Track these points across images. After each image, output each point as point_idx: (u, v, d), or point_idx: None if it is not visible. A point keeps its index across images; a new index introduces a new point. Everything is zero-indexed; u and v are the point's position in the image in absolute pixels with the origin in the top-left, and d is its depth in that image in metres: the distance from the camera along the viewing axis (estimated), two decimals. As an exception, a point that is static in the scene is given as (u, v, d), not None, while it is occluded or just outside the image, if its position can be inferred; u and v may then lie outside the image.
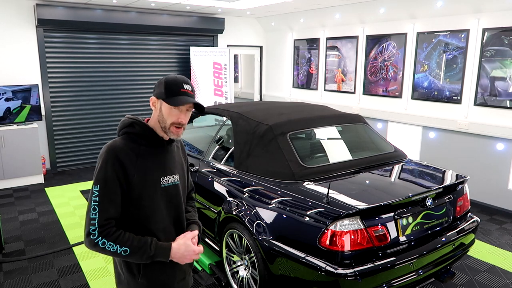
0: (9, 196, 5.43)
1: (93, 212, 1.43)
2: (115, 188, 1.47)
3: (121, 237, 1.45)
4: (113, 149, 1.49)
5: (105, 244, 1.42)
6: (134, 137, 1.56)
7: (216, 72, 7.50)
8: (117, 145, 1.51)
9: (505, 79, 4.67)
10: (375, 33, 6.20)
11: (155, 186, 1.56)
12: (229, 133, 3.71)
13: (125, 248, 1.44)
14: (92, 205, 1.44)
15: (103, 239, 1.42)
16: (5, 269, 3.55)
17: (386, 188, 2.87)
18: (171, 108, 1.54)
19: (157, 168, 1.58)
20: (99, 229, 1.42)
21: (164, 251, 1.51)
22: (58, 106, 6.44)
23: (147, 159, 1.55)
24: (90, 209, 1.44)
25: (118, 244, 1.43)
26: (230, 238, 3.09)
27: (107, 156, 1.48)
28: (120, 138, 1.57)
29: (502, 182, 4.85)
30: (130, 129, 1.56)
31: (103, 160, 1.48)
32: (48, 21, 5.92)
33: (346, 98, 6.83)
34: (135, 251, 1.45)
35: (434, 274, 2.78)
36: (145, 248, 1.47)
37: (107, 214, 1.44)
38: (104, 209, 1.44)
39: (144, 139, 1.57)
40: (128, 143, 1.54)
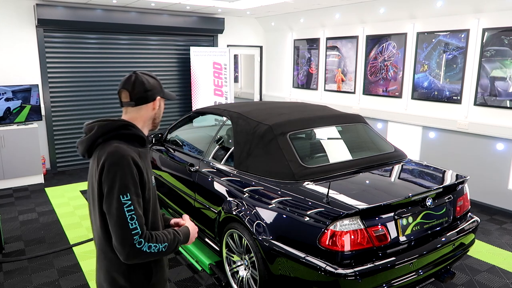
0: (9, 196, 5.43)
1: (131, 222, 1.38)
2: (139, 192, 1.45)
3: (158, 236, 1.46)
4: (126, 154, 1.44)
5: (151, 248, 1.42)
6: (129, 140, 1.53)
7: (216, 72, 7.50)
8: (126, 149, 1.46)
9: (505, 79, 4.67)
10: (375, 33, 6.20)
11: (152, 187, 1.58)
12: (229, 133, 3.71)
13: (165, 244, 1.47)
14: (129, 215, 1.38)
15: (148, 243, 1.41)
16: (5, 269, 3.55)
17: (386, 188, 2.87)
18: (163, 102, 1.68)
19: (149, 169, 1.61)
20: (142, 235, 1.40)
21: (187, 234, 1.61)
22: (58, 106, 6.44)
23: (144, 160, 1.56)
24: (127, 221, 1.38)
25: (159, 242, 1.45)
26: (230, 238, 3.09)
27: (124, 162, 1.42)
28: (117, 141, 1.49)
29: (502, 182, 4.85)
30: (126, 131, 1.53)
31: (121, 167, 1.41)
32: (48, 21, 5.92)
33: (346, 98, 6.83)
34: (171, 244, 1.50)
35: (434, 274, 2.78)
36: (177, 238, 1.53)
37: (142, 220, 1.43)
38: (140, 215, 1.42)
39: (138, 141, 1.56)
40: (129, 146, 1.51)
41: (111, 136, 1.50)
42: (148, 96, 1.58)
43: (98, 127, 1.51)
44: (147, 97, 1.58)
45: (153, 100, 1.60)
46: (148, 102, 1.59)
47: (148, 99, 1.58)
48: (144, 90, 1.57)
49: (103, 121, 1.53)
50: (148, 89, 1.58)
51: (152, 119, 1.62)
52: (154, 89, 1.59)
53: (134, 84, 1.56)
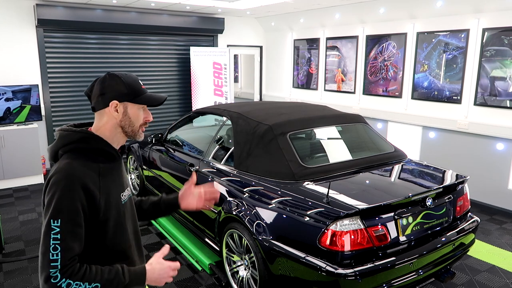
0: (9, 196, 5.43)
1: (54, 253, 1.19)
2: (80, 220, 1.25)
3: (87, 273, 1.23)
4: (73, 174, 1.26)
5: (71, 285, 1.19)
6: (89, 154, 1.34)
7: (216, 72, 7.50)
8: (75, 168, 1.27)
9: (505, 79, 4.67)
10: (375, 33, 6.20)
11: (117, 205, 1.39)
12: (229, 133, 3.71)
13: (95, 284, 1.23)
14: (52, 244, 1.19)
15: (67, 280, 1.19)
16: (5, 269, 3.55)
17: (386, 188, 2.88)
18: (139, 109, 1.41)
19: (117, 185, 1.42)
20: (62, 270, 1.19)
21: (139, 276, 1.35)
22: (58, 106, 6.44)
23: (108, 177, 1.37)
24: (49, 249, 1.19)
25: (87, 281, 1.22)
26: (230, 238, 3.09)
27: (68, 184, 1.24)
28: (70, 158, 1.31)
29: (502, 182, 4.85)
30: (83, 144, 1.34)
31: (63, 189, 1.23)
32: (48, 21, 5.92)
33: (346, 98, 6.83)
34: (107, 285, 1.26)
35: (434, 274, 2.78)
36: (118, 279, 1.28)
37: (71, 253, 1.21)
38: (68, 247, 1.21)
39: (102, 155, 1.37)
40: (86, 163, 1.31)
41: (70, 149, 1.33)
42: (104, 99, 1.36)
43: (59, 137, 1.35)
44: (101, 101, 1.36)
45: (108, 105, 1.36)
46: (104, 107, 1.37)
47: (104, 104, 1.37)
48: (99, 94, 1.37)
49: (64, 130, 1.36)
50: (103, 92, 1.36)
51: (119, 127, 1.40)
52: (110, 92, 1.36)
53: (92, 86, 1.39)
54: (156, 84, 7.32)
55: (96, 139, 1.36)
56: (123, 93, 1.37)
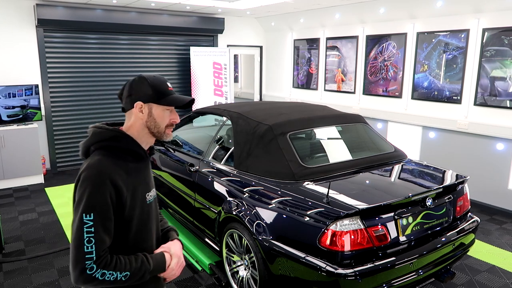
0: (9, 196, 5.43)
1: (88, 245, 1.26)
2: (110, 214, 1.32)
3: (118, 263, 1.32)
4: (103, 170, 1.32)
5: (105, 275, 1.28)
6: (118, 153, 1.39)
7: (216, 72, 7.50)
8: (105, 165, 1.34)
9: (505, 79, 4.67)
10: (375, 33, 6.20)
11: (142, 204, 1.44)
12: (229, 133, 3.71)
13: (126, 272, 1.32)
14: (86, 237, 1.26)
15: (102, 270, 1.28)
16: (5, 269, 3.55)
17: (386, 188, 2.87)
18: (164, 110, 1.44)
19: (143, 185, 1.46)
20: (97, 262, 1.27)
21: (160, 263, 1.43)
22: (58, 106, 6.44)
23: (135, 176, 1.42)
24: (84, 242, 1.26)
25: (118, 270, 1.31)
26: (230, 238, 3.09)
27: (99, 179, 1.30)
28: (101, 154, 1.37)
29: (502, 182, 4.85)
30: (114, 143, 1.39)
31: (94, 184, 1.29)
32: (48, 21, 5.92)
33: (346, 98, 6.83)
34: (135, 273, 1.34)
35: (434, 274, 2.78)
36: (144, 266, 1.37)
37: (104, 245, 1.29)
38: (101, 240, 1.28)
39: (131, 155, 1.42)
40: (115, 161, 1.37)
41: (101, 146, 1.39)
42: (131, 101, 1.42)
43: (92, 134, 1.41)
44: (129, 102, 1.42)
45: (133, 106, 1.41)
46: (131, 107, 1.42)
47: (131, 105, 1.42)
48: (128, 95, 1.42)
49: (97, 128, 1.42)
50: (130, 94, 1.42)
51: (146, 127, 1.44)
52: (137, 94, 1.40)
53: (123, 88, 1.45)
54: (156, 84, 7.31)
55: (127, 138, 1.41)
56: (148, 94, 1.40)
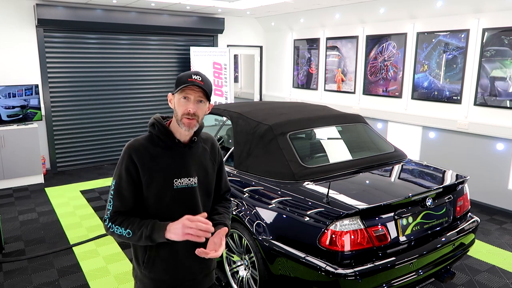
0: (9, 196, 5.42)
1: (109, 204, 1.57)
2: (127, 185, 1.55)
3: (126, 221, 1.54)
4: (129, 148, 1.57)
5: (113, 228, 1.54)
6: (153, 138, 1.61)
7: (216, 72, 7.50)
8: (134, 144, 1.58)
9: (505, 79, 4.67)
10: (375, 33, 6.20)
11: (165, 188, 1.58)
12: (229, 133, 3.71)
13: (128, 230, 1.52)
14: (110, 197, 1.57)
15: (114, 224, 1.54)
16: (5, 269, 3.55)
17: (386, 188, 2.87)
18: (180, 99, 1.54)
19: (171, 170, 1.59)
20: (110, 217, 1.56)
21: (159, 229, 1.49)
22: (58, 106, 6.44)
23: (161, 160, 1.58)
24: (108, 199, 1.58)
25: (123, 227, 1.53)
26: (230, 238, 3.09)
27: (124, 154, 1.57)
28: (143, 136, 1.63)
29: (502, 182, 4.85)
30: (152, 129, 1.62)
31: (121, 157, 1.57)
32: (48, 21, 5.92)
33: (346, 98, 6.83)
34: (135, 232, 1.52)
35: (434, 274, 2.78)
36: (142, 230, 1.51)
37: (116, 208, 1.56)
38: (116, 203, 1.56)
39: (161, 141, 1.60)
40: (146, 143, 1.59)
41: (148, 131, 1.64)
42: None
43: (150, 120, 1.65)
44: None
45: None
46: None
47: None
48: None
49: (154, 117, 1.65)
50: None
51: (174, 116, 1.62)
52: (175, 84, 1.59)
53: None
54: (156, 84, 7.31)
55: (159, 127, 1.60)
56: (175, 86, 1.57)
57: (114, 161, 7.09)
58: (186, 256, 1.63)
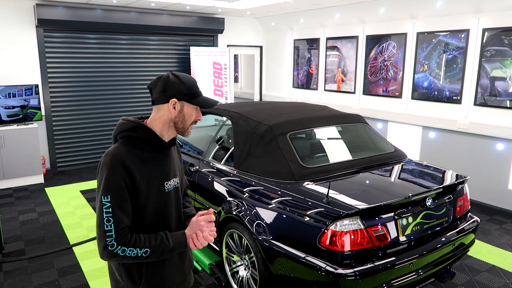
0: (9, 196, 5.43)
1: (107, 224, 1.39)
2: (125, 196, 1.43)
3: (138, 240, 1.43)
4: (118, 156, 1.44)
5: (125, 252, 1.40)
6: (137, 142, 1.50)
7: (216, 72, 7.50)
8: (120, 152, 1.45)
9: (505, 79, 4.67)
10: (375, 33, 6.20)
11: (159, 192, 1.53)
12: (229, 133, 3.71)
13: (145, 249, 1.43)
14: (105, 217, 1.39)
15: (122, 247, 1.40)
16: (5, 269, 3.55)
17: (386, 188, 2.87)
18: (193, 109, 1.55)
19: (161, 173, 1.54)
20: (116, 239, 1.40)
21: (180, 238, 1.51)
22: (58, 106, 6.44)
23: (151, 164, 1.51)
24: (103, 221, 1.39)
25: (138, 247, 1.42)
26: (230, 238, 3.09)
27: (113, 164, 1.42)
28: (120, 143, 1.50)
29: (502, 182, 4.85)
30: (132, 133, 1.50)
31: (109, 168, 1.41)
32: (48, 21, 5.92)
33: (346, 98, 6.83)
34: (155, 250, 1.45)
35: (434, 274, 2.78)
36: (164, 244, 1.46)
37: (122, 224, 1.42)
38: (119, 219, 1.41)
39: (148, 144, 1.52)
40: (131, 149, 1.48)
41: (123, 136, 1.51)
42: (164, 96, 1.50)
43: (117, 125, 1.54)
44: (162, 97, 1.51)
45: (168, 101, 1.50)
46: (164, 102, 1.51)
47: (164, 99, 1.51)
48: (161, 90, 1.50)
49: (123, 120, 1.55)
50: (166, 89, 1.50)
51: (172, 122, 1.54)
52: (172, 90, 1.50)
53: (156, 82, 1.53)
54: (156, 84, 7.31)
55: (145, 129, 1.51)
56: (183, 93, 1.50)
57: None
58: (178, 258, 1.63)
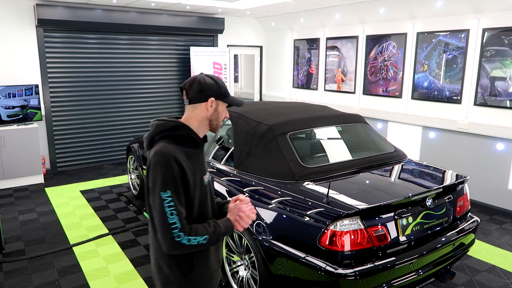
0: (9, 196, 5.43)
1: (171, 217, 1.47)
2: (181, 190, 1.53)
3: (197, 229, 1.53)
4: (170, 153, 1.53)
5: (190, 241, 1.49)
6: (179, 140, 1.61)
7: (216, 72, 7.50)
8: (170, 149, 1.55)
9: (505, 79, 4.67)
10: (375, 33, 6.20)
11: (201, 185, 1.64)
12: (229, 133, 3.71)
13: (205, 236, 1.53)
14: (168, 211, 1.47)
15: (187, 237, 1.49)
16: (5, 269, 3.55)
17: (386, 188, 2.87)
18: (225, 107, 1.70)
19: (200, 168, 1.66)
20: (181, 230, 1.48)
21: (228, 224, 1.63)
22: (58, 106, 6.44)
23: (193, 160, 1.61)
24: (166, 216, 1.47)
25: (199, 235, 1.51)
26: (230, 238, 3.09)
27: (167, 161, 1.51)
28: (165, 142, 1.58)
29: (502, 182, 4.85)
30: (174, 131, 1.61)
31: (165, 166, 1.50)
32: (48, 21, 5.92)
33: (346, 98, 6.83)
34: (212, 236, 1.55)
35: (434, 274, 2.78)
36: (217, 230, 1.57)
37: (182, 215, 1.51)
38: (180, 212, 1.50)
39: (188, 141, 1.62)
40: (176, 146, 1.58)
41: (163, 136, 1.60)
42: (203, 95, 1.63)
43: (155, 126, 1.62)
44: (200, 96, 1.63)
45: (206, 100, 1.63)
46: (201, 101, 1.63)
47: (202, 99, 1.63)
48: (199, 90, 1.62)
49: (159, 120, 1.63)
50: (203, 89, 1.62)
51: (207, 120, 1.66)
52: (209, 90, 1.63)
53: (192, 83, 1.64)
54: (156, 84, 7.32)
55: (185, 127, 1.62)
56: (219, 92, 1.65)
57: (114, 161, 7.09)
58: (215, 247, 1.74)
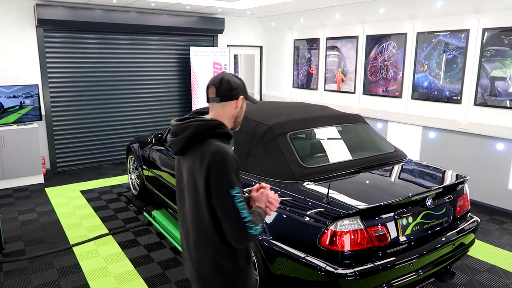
0: (9, 196, 5.43)
1: (243, 212, 1.54)
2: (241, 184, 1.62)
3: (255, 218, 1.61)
4: (229, 152, 1.59)
5: (257, 230, 1.57)
6: (222, 138, 1.66)
7: (216, 72, 7.49)
8: (227, 148, 1.61)
9: (505, 79, 4.67)
10: (375, 33, 6.20)
11: None
12: (229, 133, 3.70)
13: (260, 224, 1.61)
14: (240, 206, 1.54)
15: (255, 227, 1.57)
16: (5, 269, 3.55)
17: (386, 188, 2.87)
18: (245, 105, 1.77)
19: None
20: (252, 222, 1.56)
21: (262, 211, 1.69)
22: (58, 106, 6.44)
23: None
24: (239, 211, 1.53)
25: (257, 224, 1.59)
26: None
27: (230, 160, 1.56)
28: (216, 141, 1.62)
29: (502, 182, 4.85)
30: (217, 130, 1.65)
31: (228, 164, 1.55)
32: (48, 21, 5.92)
33: (346, 98, 6.83)
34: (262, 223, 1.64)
35: (434, 274, 2.78)
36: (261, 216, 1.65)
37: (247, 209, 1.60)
38: (246, 206, 1.57)
39: (226, 138, 1.69)
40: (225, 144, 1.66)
41: (206, 135, 1.62)
42: (233, 94, 1.69)
43: (194, 127, 1.62)
44: (231, 95, 1.69)
45: (237, 98, 1.70)
46: (232, 99, 1.69)
47: (232, 97, 1.69)
48: (229, 88, 1.68)
49: (197, 121, 1.64)
50: (233, 88, 1.69)
51: (234, 117, 1.73)
52: (238, 89, 1.70)
53: (221, 81, 1.69)
54: (156, 84, 7.32)
55: (224, 125, 1.68)
56: (245, 91, 1.74)
57: (114, 161, 7.09)
58: None
